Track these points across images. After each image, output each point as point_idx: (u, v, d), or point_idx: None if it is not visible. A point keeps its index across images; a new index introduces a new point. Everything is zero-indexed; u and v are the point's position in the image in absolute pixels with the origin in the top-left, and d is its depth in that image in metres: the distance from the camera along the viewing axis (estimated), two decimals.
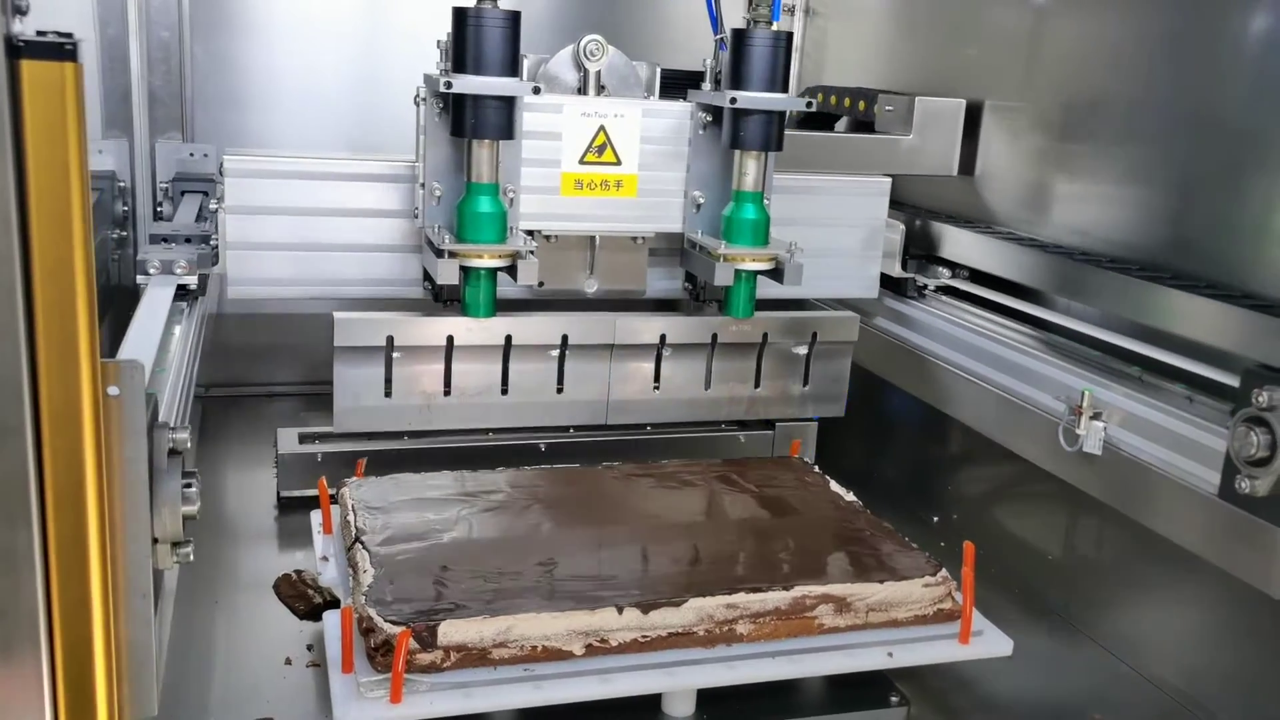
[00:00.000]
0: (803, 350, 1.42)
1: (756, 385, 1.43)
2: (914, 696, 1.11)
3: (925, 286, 1.55)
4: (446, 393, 1.31)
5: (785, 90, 1.24)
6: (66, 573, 0.66)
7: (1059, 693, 1.16)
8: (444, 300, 1.29)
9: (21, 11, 0.61)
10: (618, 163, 1.29)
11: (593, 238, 1.33)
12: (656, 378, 1.38)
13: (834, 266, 1.45)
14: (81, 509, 0.66)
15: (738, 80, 1.23)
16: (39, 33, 0.61)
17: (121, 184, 1.75)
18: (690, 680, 1.02)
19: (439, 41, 1.20)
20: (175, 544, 0.75)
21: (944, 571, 1.12)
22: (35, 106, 0.60)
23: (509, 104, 1.17)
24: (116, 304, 1.49)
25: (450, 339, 1.29)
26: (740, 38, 1.23)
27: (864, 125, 1.65)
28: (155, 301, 1.15)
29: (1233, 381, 1.03)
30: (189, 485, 0.75)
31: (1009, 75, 1.48)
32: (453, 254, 1.17)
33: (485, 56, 1.15)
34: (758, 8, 1.23)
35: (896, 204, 1.48)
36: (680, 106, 1.31)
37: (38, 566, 0.65)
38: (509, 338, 1.30)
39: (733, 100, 1.22)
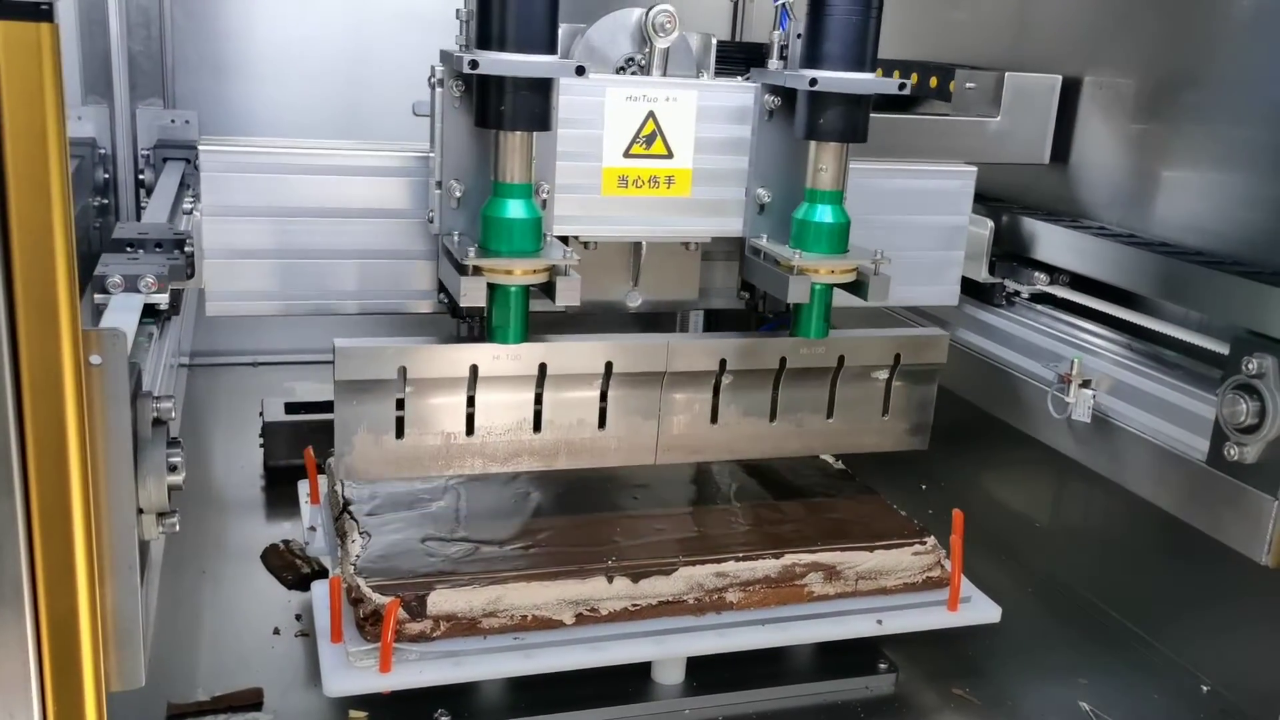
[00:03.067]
0: (883, 375, 1.18)
1: (829, 416, 1.17)
2: (903, 663, 1.11)
3: (1016, 293, 1.34)
4: (469, 432, 1.07)
5: (874, 69, 1.03)
6: (50, 544, 0.65)
7: (1047, 659, 1.17)
8: (463, 316, 1.08)
9: None
10: (669, 155, 1.08)
11: (638, 244, 1.13)
12: (714, 411, 1.13)
13: (908, 270, 1.18)
14: (65, 479, 0.65)
15: (814, 57, 1.02)
16: None
17: (102, 151, 1.73)
18: (680, 648, 1.02)
19: (458, 10, 1.00)
20: (161, 514, 0.74)
21: (933, 539, 1.12)
22: (11, 68, 0.59)
23: (547, 88, 0.96)
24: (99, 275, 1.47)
25: (474, 369, 1.04)
26: (820, 5, 1.01)
27: (895, 101, 1.43)
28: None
29: None
30: (174, 455, 0.74)
31: (1103, 47, 1.30)
32: (478, 270, 0.96)
33: (519, 29, 0.93)
34: None
35: (977, 197, 1.24)
36: (743, 88, 1.09)
37: (21, 538, 0.64)
38: (543, 366, 1.05)
39: (812, 82, 1.00)
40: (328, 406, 1.47)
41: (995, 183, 1.38)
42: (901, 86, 1.05)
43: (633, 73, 1.09)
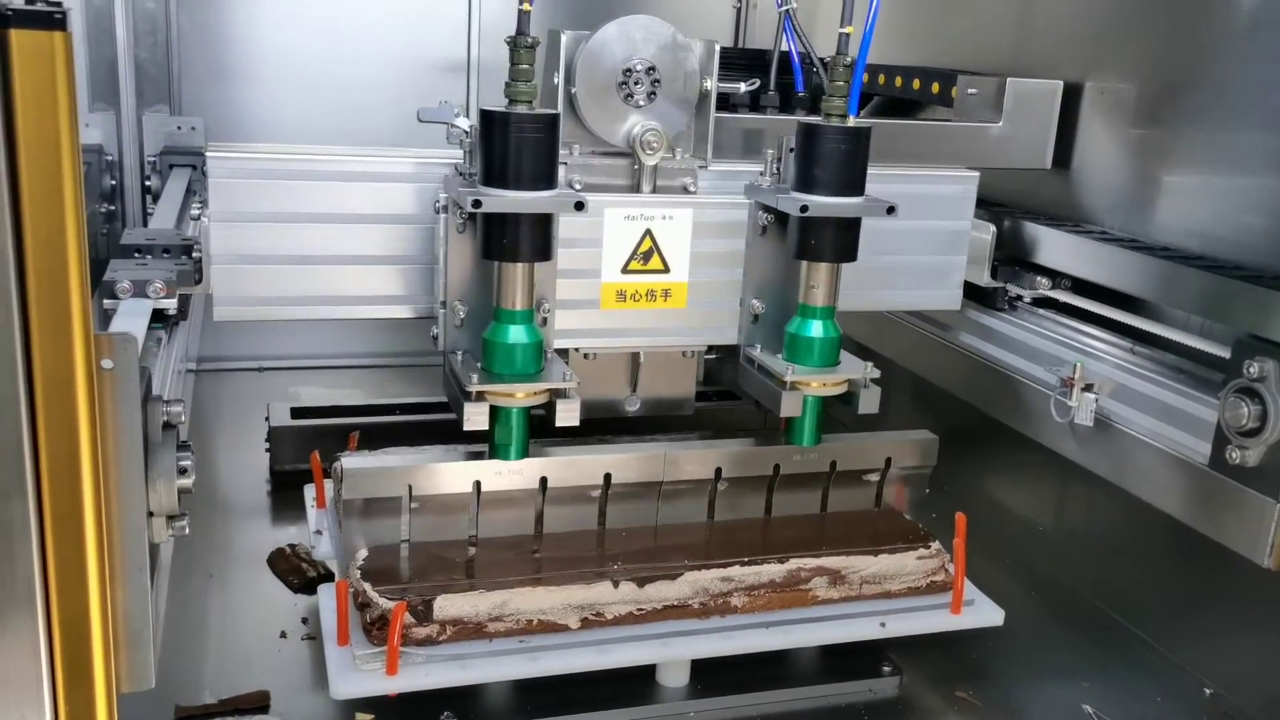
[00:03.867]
0: (874, 478, 1.21)
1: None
2: (906, 666, 1.12)
3: (1019, 298, 1.35)
4: (472, 543, 1.08)
5: (862, 193, 1.05)
6: (62, 546, 0.66)
7: (1050, 662, 1.17)
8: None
9: None
10: (665, 270, 1.12)
11: (636, 353, 1.16)
12: (710, 515, 1.16)
13: (911, 274, 1.23)
14: (76, 482, 0.65)
15: (807, 182, 1.04)
16: (27, 1, 0.61)
17: (109, 157, 1.74)
18: (685, 651, 1.03)
19: (461, 140, 1.03)
20: (170, 517, 0.75)
21: (937, 543, 1.13)
22: (25, 76, 0.60)
23: (547, 222, 1.00)
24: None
25: (477, 485, 1.07)
26: (811, 135, 1.04)
27: (899, 106, 1.47)
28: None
29: None
30: (184, 458, 0.75)
31: (1103, 53, 1.31)
32: (481, 395, 0.99)
33: (521, 169, 0.96)
34: (831, 99, 1.04)
35: (979, 202, 1.26)
36: (737, 205, 1.13)
37: (34, 540, 0.65)
38: (544, 480, 1.08)
39: (803, 209, 1.03)
40: (334, 411, 1.49)
41: (998, 188, 1.40)
42: (890, 210, 1.06)
43: (635, 82, 1.08)
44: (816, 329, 1.09)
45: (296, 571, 1.22)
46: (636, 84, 1.08)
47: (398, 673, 0.93)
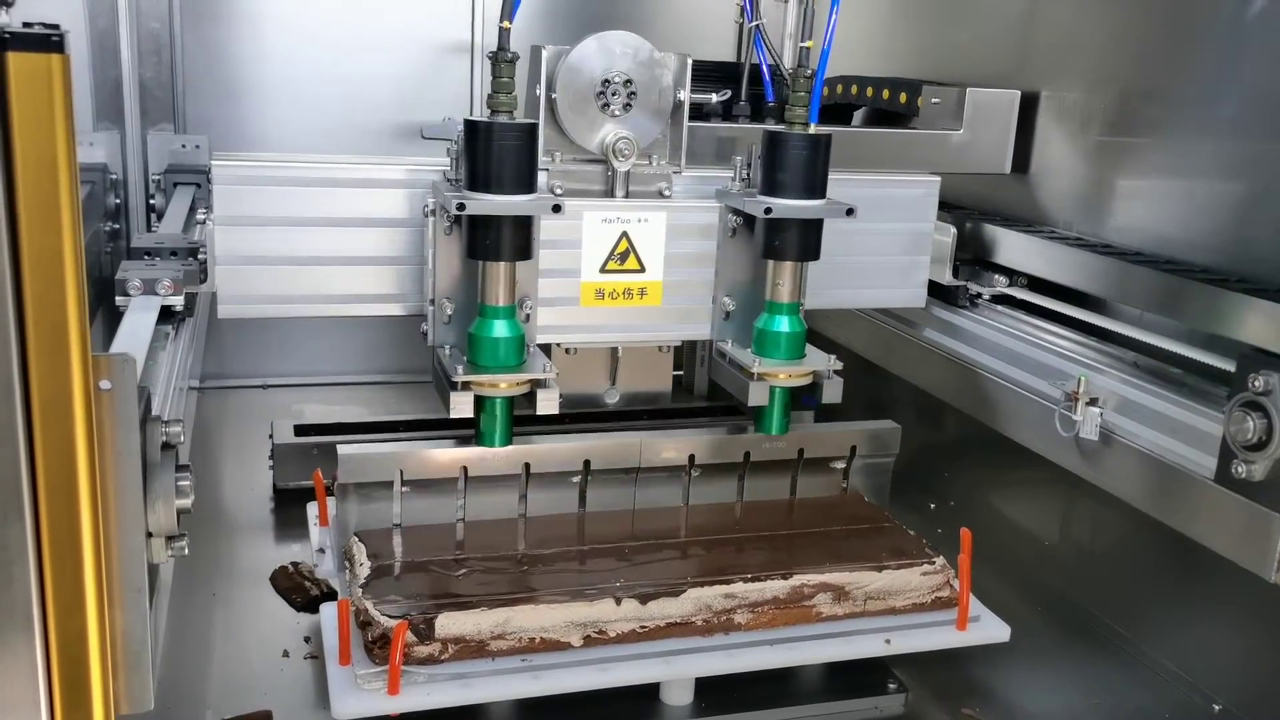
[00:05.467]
0: (841, 465, 1.28)
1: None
2: (912, 683, 1.11)
3: (979, 295, 1.42)
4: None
5: (823, 196, 1.13)
6: (60, 567, 0.65)
7: (1056, 678, 1.16)
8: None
9: (7, 4, 0.61)
10: (641, 270, 1.18)
11: (615, 348, 1.24)
12: (685, 500, 1.23)
13: (877, 274, 1.31)
14: (74, 503, 0.65)
15: (772, 186, 1.11)
16: (25, 24, 0.61)
17: (114, 176, 1.75)
18: (688, 669, 1.02)
19: (448, 149, 1.10)
20: (170, 538, 0.75)
21: (942, 559, 1.12)
22: (22, 98, 0.60)
23: (527, 224, 1.07)
24: (110, 299, 1.49)
25: (465, 469, 1.15)
26: (775, 142, 1.11)
27: (884, 117, 1.53)
28: (136, 328, 1.01)
29: None
30: (183, 479, 0.75)
31: (1061, 63, 1.38)
32: (466, 385, 1.06)
33: (502, 174, 1.03)
34: (793, 108, 1.11)
35: (942, 205, 1.33)
36: (708, 208, 1.19)
37: (31, 561, 0.64)
38: (527, 465, 1.16)
39: (767, 210, 1.10)
40: (337, 429, 1.49)
41: (961, 191, 1.50)
42: (849, 212, 1.13)
43: (612, 93, 1.14)
44: (782, 324, 1.16)
45: (299, 590, 1.22)
46: (614, 95, 1.14)
47: (399, 692, 0.93)
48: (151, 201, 1.69)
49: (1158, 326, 1.20)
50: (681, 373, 1.67)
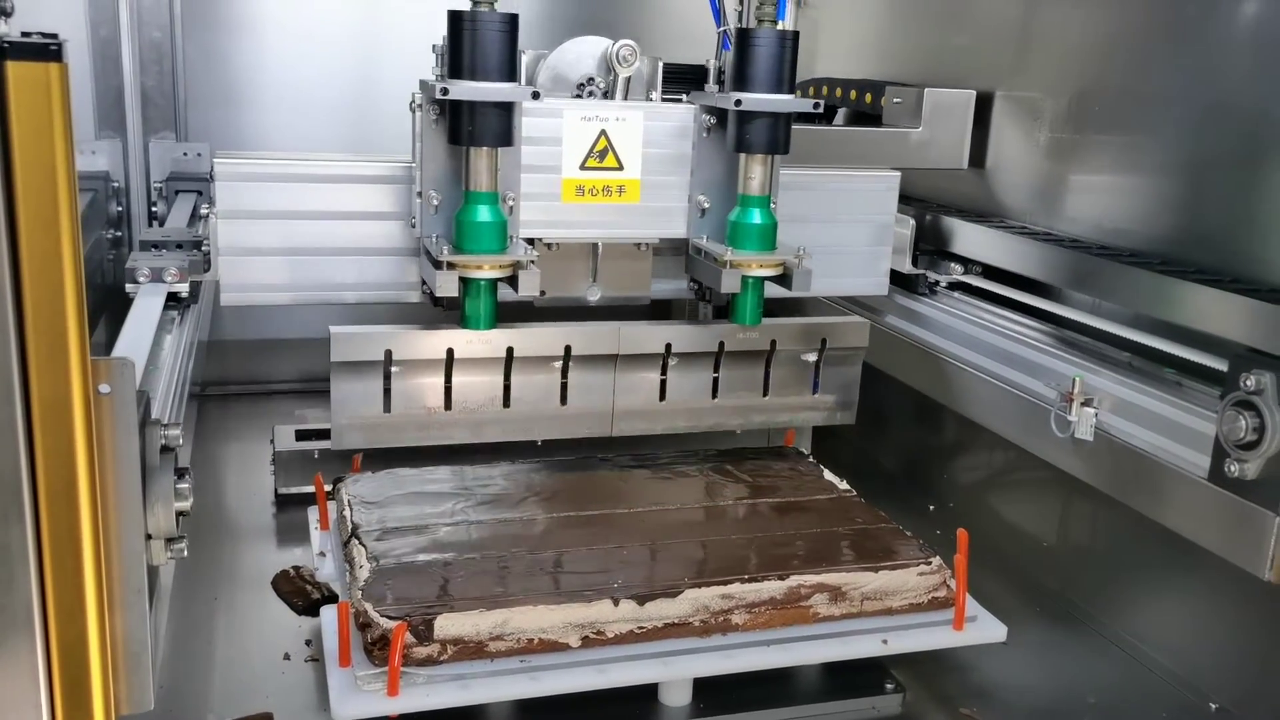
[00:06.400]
0: (812, 357, 1.36)
1: (765, 394, 1.37)
2: (910, 684, 1.11)
3: (937, 283, 1.51)
4: (447, 407, 1.25)
5: (792, 91, 1.19)
6: (61, 569, 0.66)
7: (1054, 678, 1.17)
8: (443, 305, 1.22)
9: (7, 14, 0.62)
10: (620, 168, 1.24)
11: (595, 245, 1.29)
12: (663, 388, 1.31)
13: (842, 264, 1.38)
14: (74, 506, 0.66)
15: (742, 81, 1.18)
16: (24, 34, 0.62)
17: (115, 184, 1.76)
18: (686, 670, 1.03)
19: (434, 46, 1.16)
20: (169, 540, 0.76)
21: (938, 559, 1.13)
22: (21, 107, 0.61)
23: (508, 110, 1.12)
24: (112, 305, 1.50)
25: (450, 352, 1.23)
26: (744, 37, 1.17)
27: (864, 117, 1.60)
28: (145, 310, 1.10)
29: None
30: (182, 481, 0.75)
31: (1017, 65, 1.45)
32: (451, 265, 1.12)
33: (482, 61, 1.09)
34: (763, 6, 1.18)
35: (905, 198, 1.42)
36: (683, 109, 1.25)
37: (32, 562, 0.65)
38: (510, 350, 1.24)
39: (737, 103, 1.17)
40: None
41: (920, 186, 1.59)
42: (816, 106, 1.22)
43: (589, 94, 1.23)
44: (754, 216, 1.22)
45: (300, 593, 1.23)
46: (590, 95, 1.24)
47: (399, 693, 0.94)
48: (153, 209, 1.70)
49: (1111, 313, 1.27)
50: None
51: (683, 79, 1.33)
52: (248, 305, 1.22)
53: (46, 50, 0.61)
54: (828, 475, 1.33)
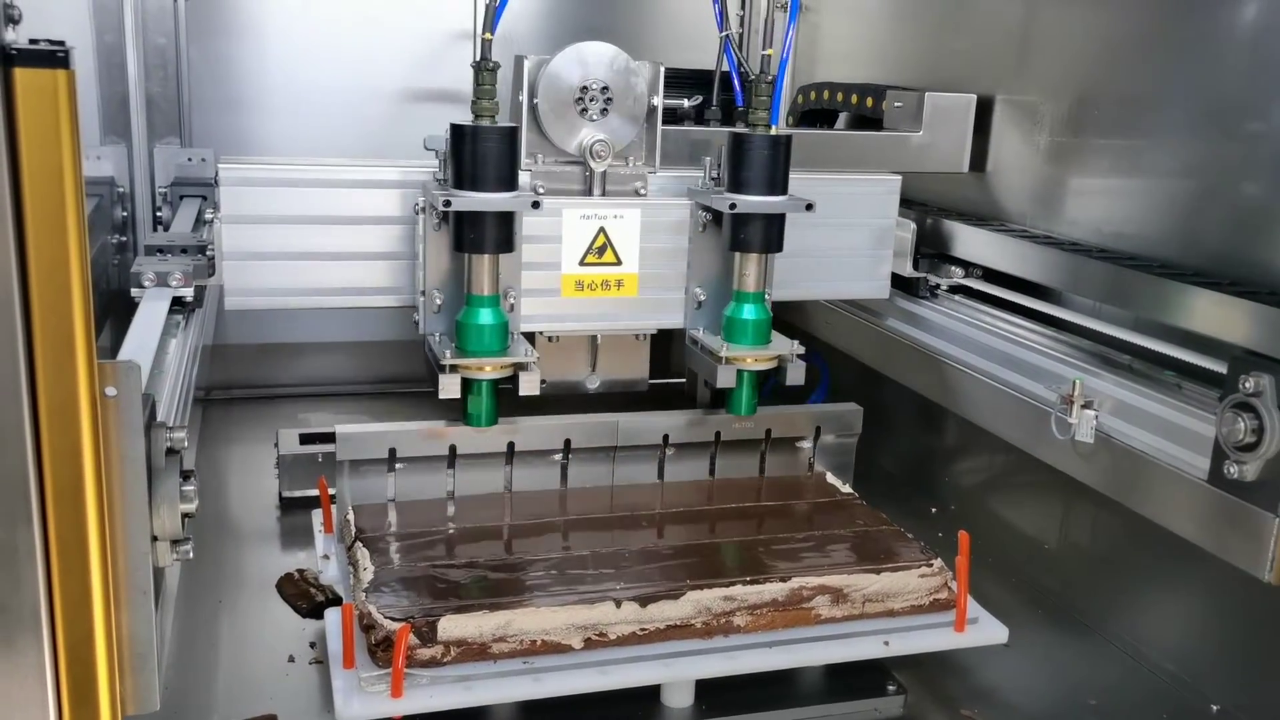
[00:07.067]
0: (807, 444, 1.38)
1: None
2: (911, 685, 1.12)
3: (938, 286, 1.51)
4: (451, 497, 1.26)
5: (785, 192, 1.21)
6: (67, 570, 0.67)
7: (1055, 679, 1.17)
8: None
9: (14, 20, 0.62)
10: (618, 263, 1.26)
11: (594, 336, 1.31)
12: (660, 477, 1.33)
13: (844, 267, 1.40)
14: (81, 507, 0.67)
15: (737, 184, 1.20)
16: (31, 41, 0.62)
17: (120, 190, 1.76)
18: (688, 671, 1.03)
19: (437, 152, 1.18)
20: (175, 542, 0.76)
21: (939, 561, 1.13)
22: (29, 113, 0.61)
23: (509, 218, 1.15)
24: (118, 309, 1.50)
25: (453, 448, 1.25)
26: (739, 143, 1.20)
27: (865, 121, 1.61)
28: (150, 315, 1.10)
29: None
30: (187, 484, 0.76)
31: (1018, 69, 1.45)
32: (454, 368, 1.14)
33: (484, 173, 1.12)
34: (756, 111, 1.20)
35: (906, 202, 1.43)
36: (680, 205, 1.28)
37: (39, 564, 0.66)
38: (511, 445, 1.26)
39: (732, 206, 1.19)
40: None
41: (921, 189, 1.59)
42: (809, 207, 1.22)
43: (590, 99, 1.22)
44: (749, 312, 1.24)
45: (304, 596, 1.23)
46: (591, 100, 1.22)
47: (402, 695, 0.94)
48: (158, 214, 1.71)
49: (1110, 316, 1.27)
50: (684, 380, 1.71)
51: (686, 84, 1.33)
52: (252, 309, 1.23)
53: (54, 57, 0.61)
54: (830, 478, 1.34)
